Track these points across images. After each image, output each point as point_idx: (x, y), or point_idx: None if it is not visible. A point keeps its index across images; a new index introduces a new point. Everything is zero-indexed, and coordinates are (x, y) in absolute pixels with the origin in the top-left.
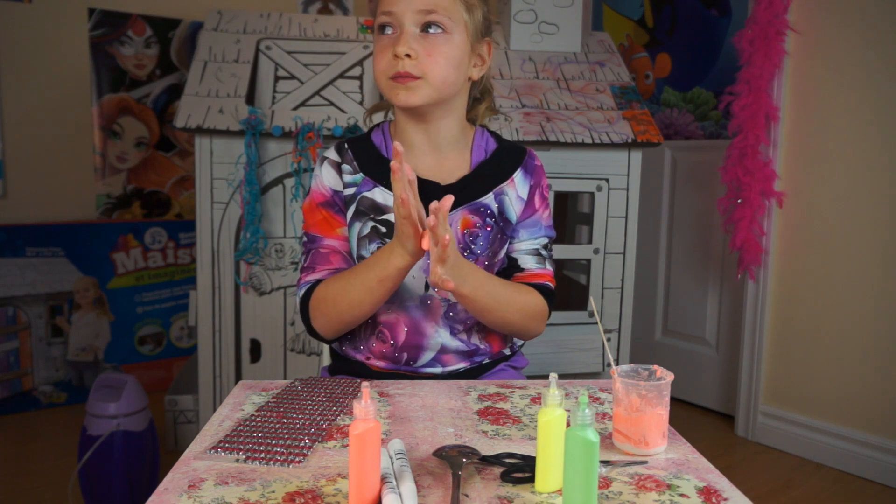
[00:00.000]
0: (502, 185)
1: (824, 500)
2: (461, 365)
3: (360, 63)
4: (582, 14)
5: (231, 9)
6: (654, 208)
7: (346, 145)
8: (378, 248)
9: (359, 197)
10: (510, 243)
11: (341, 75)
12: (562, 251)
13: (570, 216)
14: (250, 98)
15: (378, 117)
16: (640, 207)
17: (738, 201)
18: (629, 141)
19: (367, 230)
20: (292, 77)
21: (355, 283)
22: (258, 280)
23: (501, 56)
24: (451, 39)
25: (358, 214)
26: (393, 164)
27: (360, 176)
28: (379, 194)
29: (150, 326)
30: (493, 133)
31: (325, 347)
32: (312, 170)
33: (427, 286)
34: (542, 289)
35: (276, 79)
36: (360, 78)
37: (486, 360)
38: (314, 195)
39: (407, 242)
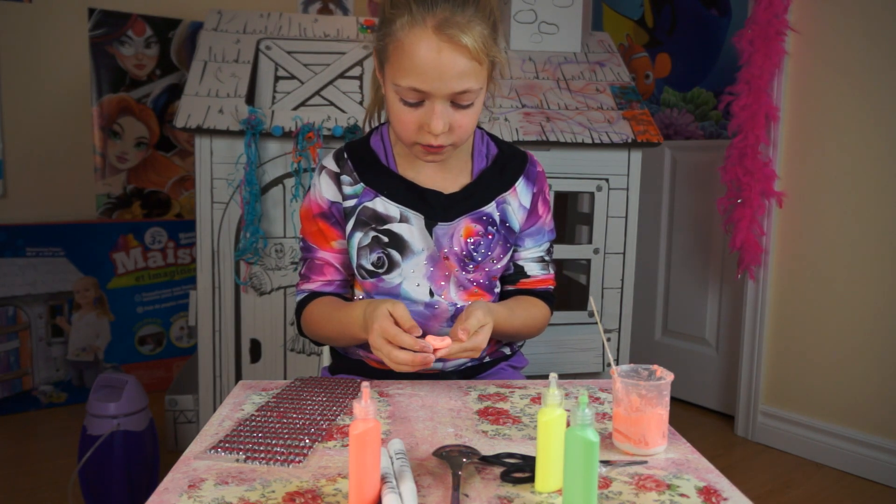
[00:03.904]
0: (504, 194)
1: (824, 500)
2: (464, 360)
3: (360, 63)
4: (582, 14)
5: (231, 9)
6: (654, 208)
7: (344, 154)
8: (379, 258)
9: (360, 207)
10: (516, 251)
11: (341, 75)
12: (562, 251)
13: (570, 216)
14: (250, 98)
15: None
16: (640, 207)
17: (738, 201)
18: (629, 141)
19: (368, 240)
20: (292, 77)
21: (333, 324)
22: (258, 280)
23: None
24: (478, 102)
25: (359, 224)
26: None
27: (360, 186)
28: (380, 204)
29: (150, 326)
30: (492, 137)
31: (326, 347)
32: (313, 170)
33: (432, 293)
34: (545, 294)
35: (276, 79)
36: (359, 78)
37: (487, 359)
38: (312, 205)
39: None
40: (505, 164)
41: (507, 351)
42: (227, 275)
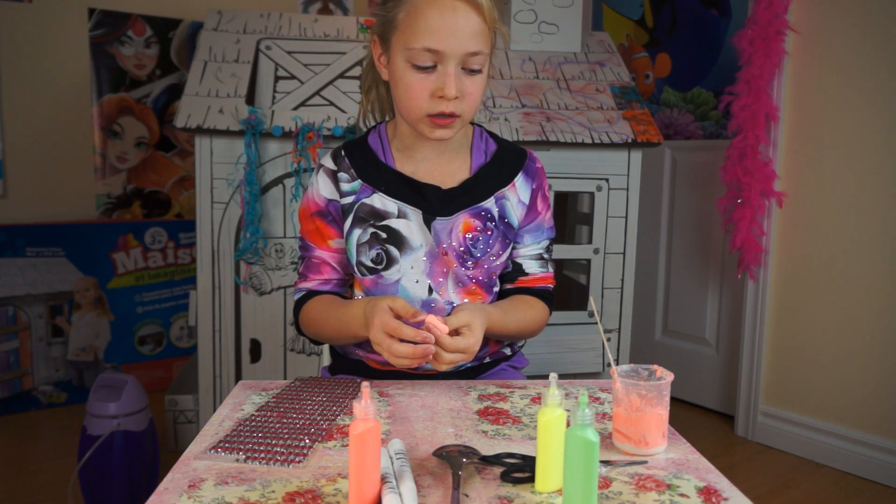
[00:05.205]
0: (503, 189)
1: (824, 500)
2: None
3: (360, 63)
4: (582, 14)
5: (231, 9)
6: (654, 208)
7: (342, 152)
8: (378, 254)
9: (357, 204)
10: (514, 248)
11: (341, 75)
12: (562, 251)
13: (570, 216)
14: (250, 98)
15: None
16: (640, 207)
17: (738, 201)
18: (629, 141)
19: (366, 237)
20: (292, 77)
21: (332, 322)
22: (258, 280)
23: (501, 56)
24: (485, 72)
25: (357, 221)
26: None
27: (358, 183)
28: (378, 200)
29: (150, 326)
30: (491, 134)
31: (325, 347)
32: (313, 170)
33: (431, 290)
34: (544, 293)
35: (276, 79)
36: (359, 78)
37: (487, 359)
38: (309, 203)
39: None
40: (504, 160)
41: (507, 351)
42: (227, 275)
